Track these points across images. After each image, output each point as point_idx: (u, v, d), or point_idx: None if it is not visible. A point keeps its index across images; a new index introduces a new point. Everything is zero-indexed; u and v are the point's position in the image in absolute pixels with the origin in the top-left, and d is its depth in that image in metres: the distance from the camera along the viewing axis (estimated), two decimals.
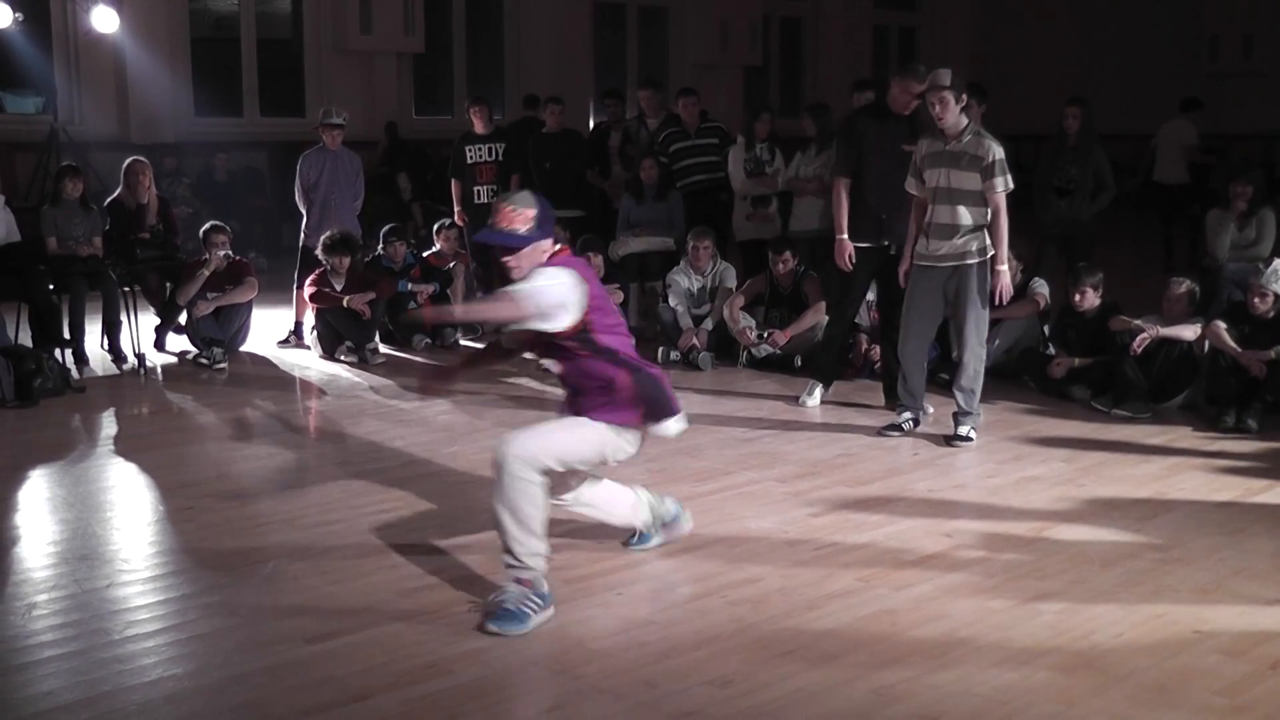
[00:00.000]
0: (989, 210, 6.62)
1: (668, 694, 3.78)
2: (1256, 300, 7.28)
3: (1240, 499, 5.81)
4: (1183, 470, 6.28)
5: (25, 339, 8.54)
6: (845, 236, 7.34)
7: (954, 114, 6.58)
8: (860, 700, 3.73)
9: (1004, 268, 6.74)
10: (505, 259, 4.42)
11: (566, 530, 5.10)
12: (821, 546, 5.12)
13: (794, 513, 5.57)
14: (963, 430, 6.79)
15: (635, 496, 5.00)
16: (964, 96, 6.65)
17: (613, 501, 4.97)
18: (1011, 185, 6.64)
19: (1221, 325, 7.34)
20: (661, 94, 11.35)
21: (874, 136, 7.25)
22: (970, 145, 6.61)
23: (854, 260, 7.36)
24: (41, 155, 12.59)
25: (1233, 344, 7.25)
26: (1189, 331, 7.48)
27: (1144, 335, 7.43)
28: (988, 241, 6.67)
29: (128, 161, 9.68)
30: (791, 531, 5.31)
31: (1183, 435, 6.95)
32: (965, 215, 6.62)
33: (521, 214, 4.38)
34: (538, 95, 12.97)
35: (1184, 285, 7.74)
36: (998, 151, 6.59)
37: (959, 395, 6.83)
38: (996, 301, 6.96)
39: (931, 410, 7.13)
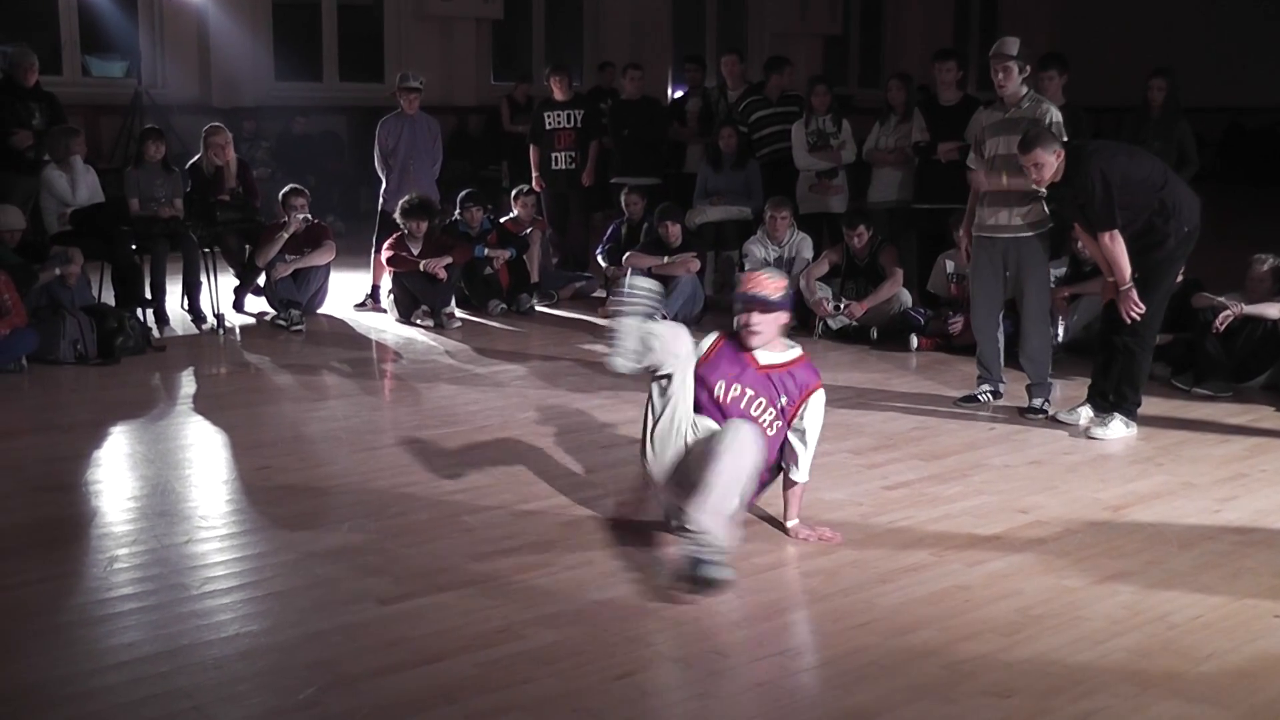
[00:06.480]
0: None
1: (739, 664, 3.77)
2: None
3: None
4: (1265, 451, 6.17)
5: (108, 298, 8.70)
6: None
7: (1015, 82, 6.65)
8: (933, 675, 3.70)
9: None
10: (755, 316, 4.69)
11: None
12: (895, 520, 5.08)
13: (868, 485, 5.54)
14: (1035, 402, 6.73)
15: None
16: (1026, 67, 6.71)
17: None
18: None
19: None
20: (745, 64, 11.25)
21: None
22: (1029, 110, 6.65)
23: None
24: (125, 118, 12.79)
25: None
26: (1273, 310, 7.31)
27: (1227, 313, 7.28)
28: (1045, 213, 6.64)
29: (208, 126, 9.82)
30: (865, 504, 5.27)
31: (1265, 415, 6.82)
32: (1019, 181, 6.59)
33: (775, 283, 4.75)
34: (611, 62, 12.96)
35: (1268, 263, 7.55)
36: (1055, 114, 6.63)
37: (1026, 366, 6.81)
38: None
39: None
